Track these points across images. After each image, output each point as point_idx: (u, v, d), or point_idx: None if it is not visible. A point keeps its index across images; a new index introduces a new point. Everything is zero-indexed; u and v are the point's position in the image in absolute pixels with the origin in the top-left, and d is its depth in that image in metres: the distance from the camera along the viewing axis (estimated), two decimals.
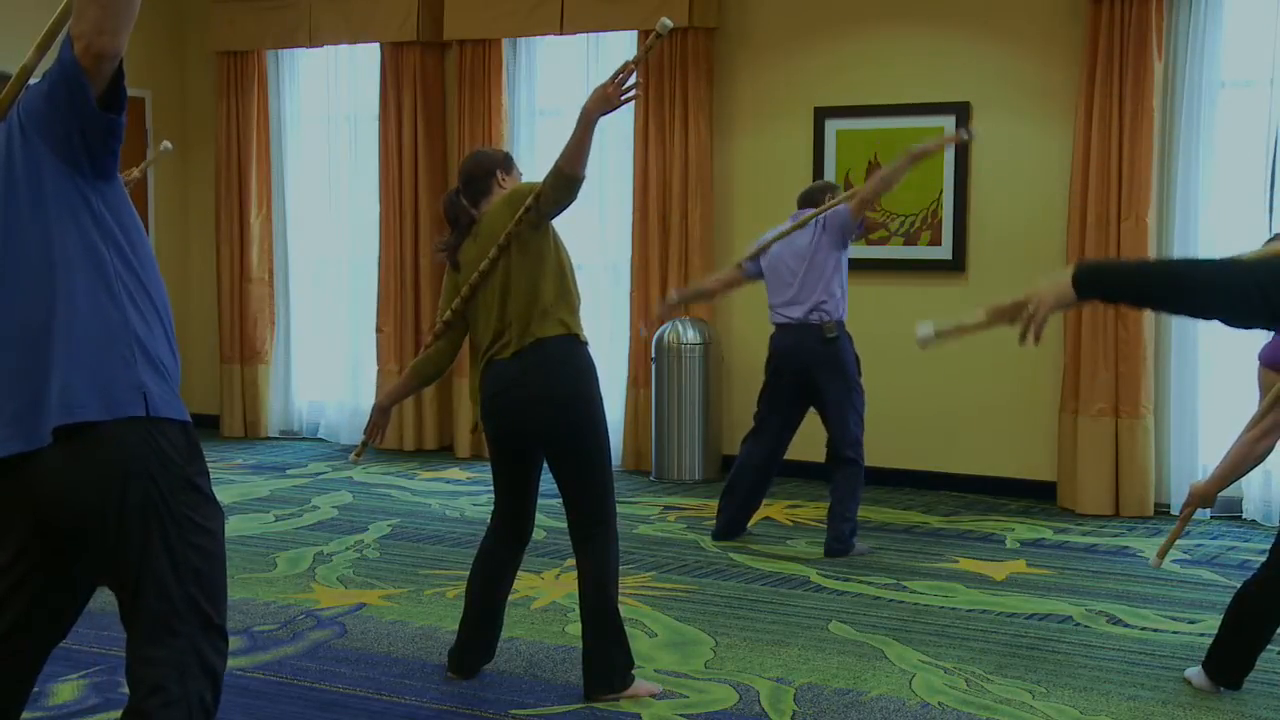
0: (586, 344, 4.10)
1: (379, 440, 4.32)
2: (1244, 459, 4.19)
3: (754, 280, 6.21)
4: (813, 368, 5.95)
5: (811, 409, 6.14)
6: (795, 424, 6.20)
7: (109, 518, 2.44)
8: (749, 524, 6.40)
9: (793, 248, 5.95)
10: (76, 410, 2.41)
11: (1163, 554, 4.49)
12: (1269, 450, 4.21)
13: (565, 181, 3.91)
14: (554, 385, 4.00)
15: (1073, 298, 2.38)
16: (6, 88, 2.51)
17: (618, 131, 8.19)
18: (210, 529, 2.56)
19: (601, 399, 4.09)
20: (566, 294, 4.05)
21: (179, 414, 2.52)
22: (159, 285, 2.57)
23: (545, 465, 4.19)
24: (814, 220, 5.93)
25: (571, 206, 4.02)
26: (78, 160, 2.44)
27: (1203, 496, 4.28)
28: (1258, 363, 4.26)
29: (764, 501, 6.96)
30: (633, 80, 3.88)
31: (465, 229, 4.14)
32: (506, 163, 4.23)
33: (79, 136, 2.42)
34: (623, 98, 3.86)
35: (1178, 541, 6.31)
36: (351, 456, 4.55)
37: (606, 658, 4.11)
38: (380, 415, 4.29)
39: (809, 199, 6.14)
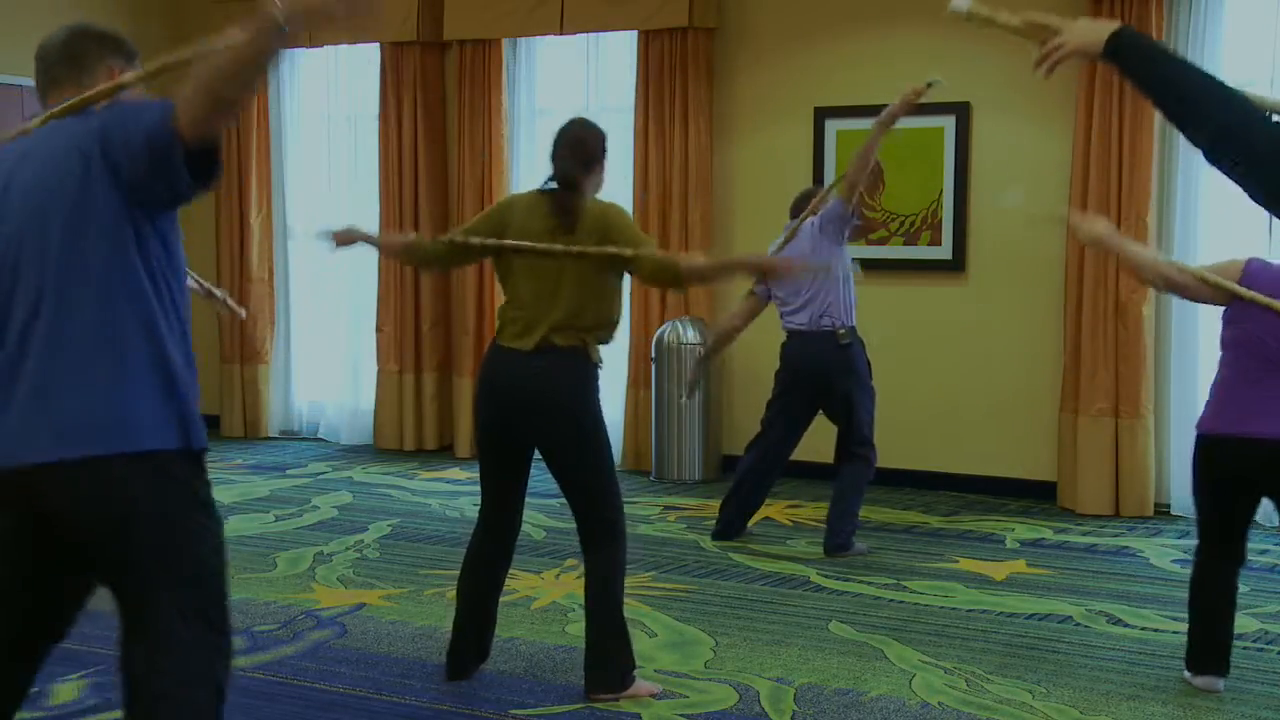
0: (598, 366, 4.12)
1: (333, 247, 4.39)
2: (1144, 263, 4.21)
3: (770, 302, 6.20)
4: (828, 374, 5.95)
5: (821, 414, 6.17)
6: (803, 430, 6.21)
7: (117, 551, 2.47)
8: (748, 525, 6.41)
9: (795, 255, 5.94)
10: (86, 443, 2.42)
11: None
12: (1153, 282, 4.23)
13: (669, 278, 4.05)
14: (556, 390, 4.03)
15: (1098, 52, 2.31)
16: (92, 94, 2.51)
17: (618, 131, 8.19)
18: (215, 543, 2.59)
19: (601, 415, 4.12)
20: (604, 326, 4.10)
21: (191, 442, 2.54)
22: (187, 308, 2.60)
23: (538, 465, 4.20)
24: (809, 222, 5.92)
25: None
26: (151, 201, 2.47)
27: (1092, 233, 4.18)
28: (1241, 260, 4.22)
29: (765, 501, 6.98)
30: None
31: (579, 202, 4.08)
32: (606, 151, 4.24)
33: (164, 190, 2.45)
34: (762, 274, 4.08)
35: (1177, 541, 6.33)
36: (316, 233, 4.53)
37: (608, 657, 4.12)
38: (352, 234, 4.33)
39: (799, 207, 6.16)
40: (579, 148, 4.15)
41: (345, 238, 4.36)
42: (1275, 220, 6.67)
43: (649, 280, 4.12)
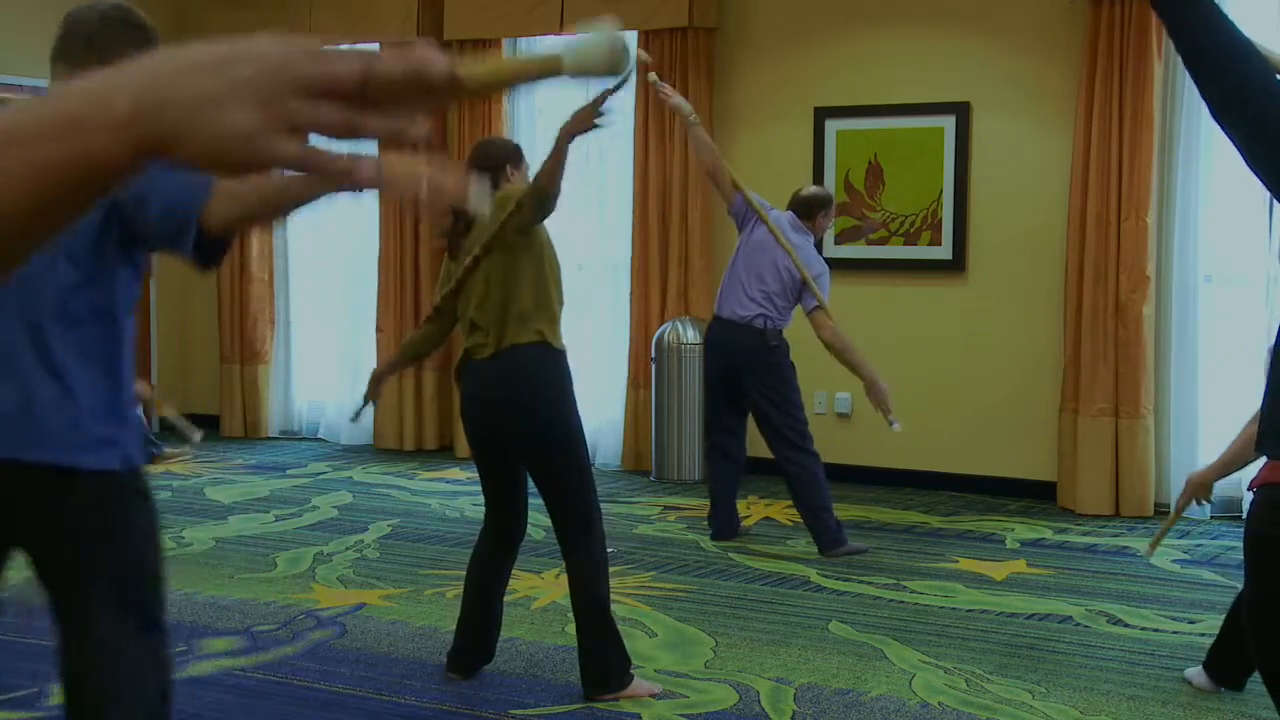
0: (563, 352, 4.10)
1: (374, 404, 4.47)
2: (1245, 450, 4.17)
3: (730, 210, 6.21)
4: (750, 367, 5.95)
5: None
6: (744, 414, 6.19)
7: (52, 547, 2.44)
8: (742, 519, 6.40)
9: (786, 268, 5.94)
10: (64, 453, 2.40)
11: (1155, 544, 4.50)
12: None
13: (542, 197, 3.94)
14: (524, 392, 4.03)
15: None
16: None
17: (618, 131, 8.19)
18: (153, 538, 2.54)
19: (575, 405, 4.11)
20: (546, 302, 4.07)
21: (133, 461, 2.51)
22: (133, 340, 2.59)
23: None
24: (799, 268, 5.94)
25: (573, 206, 4.04)
26: (143, 243, 2.47)
27: (1200, 486, 4.27)
28: (1268, 355, 4.22)
29: (764, 501, 6.98)
30: (608, 107, 3.90)
31: (469, 220, 4.11)
32: (516, 156, 4.22)
33: (161, 247, 2.47)
34: (597, 121, 3.87)
35: (1178, 541, 6.33)
36: (351, 418, 4.86)
37: (602, 659, 4.12)
38: (375, 384, 4.43)
39: (804, 209, 6.11)
40: (479, 171, 4.14)
41: (375, 391, 4.45)
42: (1274, 221, 6.66)
43: (535, 212, 3.95)
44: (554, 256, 4.12)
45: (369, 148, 0.89)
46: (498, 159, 4.18)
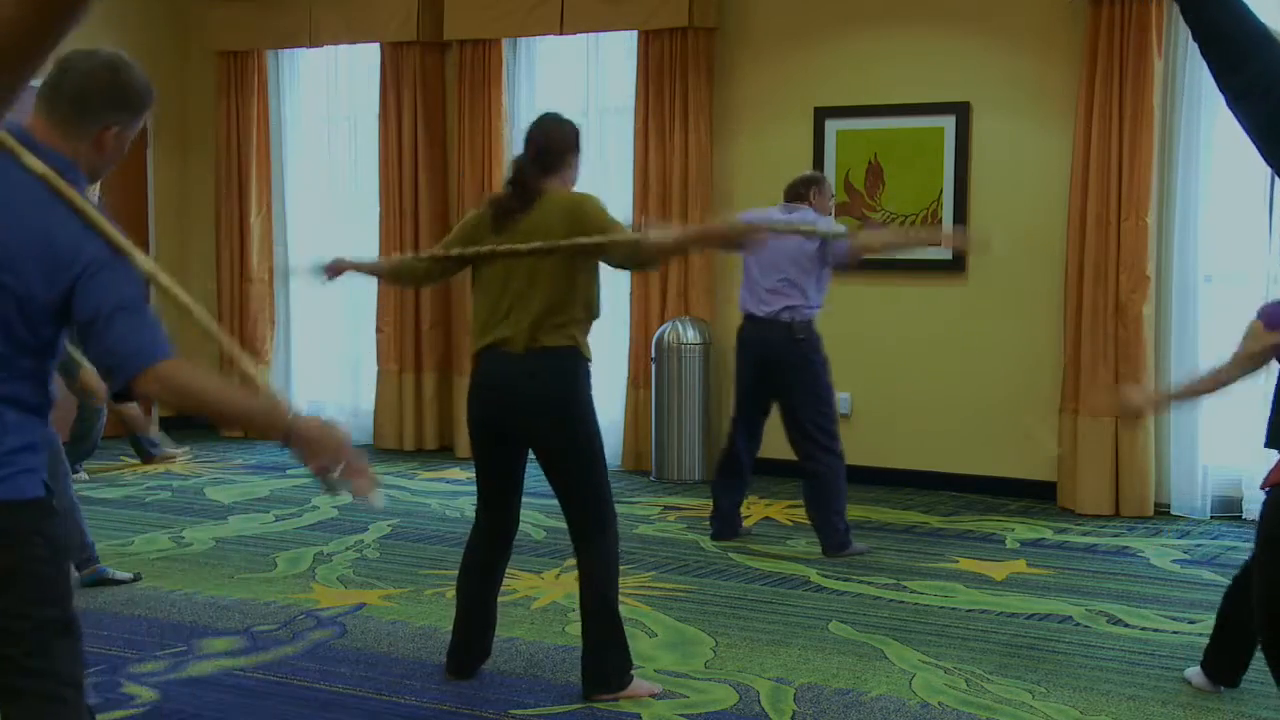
0: (589, 361, 4.10)
1: (325, 279, 4.38)
2: (1210, 381, 4.13)
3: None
4: (780, 363, 5.94)
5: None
6: (766, 415, 6.19)
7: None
8: (743, 519, 6.40)
9: (795, 247, 5.90)
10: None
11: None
12: (1227, 385, 4.15)
13: (641, 260, 4.02)
14: (550, 389, 4.02)
15: None
16: (60, 189, 2.39)
17: (618, 131, 8.20)
18: (63, 552, 2.54)
19: (594, 409, 4.11)
20: (588, 313, 4.09)
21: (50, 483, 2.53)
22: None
23: (534, 465, 4.19)
24: (817, 238, 5.89)
25: None
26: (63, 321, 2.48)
27: (1139, 406, 4.30)
28: (1254, 317, 4.16)
29: (764, 501, 6.98)
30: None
31: (530, 201, 4.07)
32: (577, 143, 4.20)
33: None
34: (737, 244, 3.94)
35: (1177, 541, 6.33)
36: (283, 268, 4.73)
37: (604, 659, 4.12)
38: (334, 265, 4.36)
39: (794, 192, 6.07)
40: (543, 154, 4.12)
41: (335, 269, 4.39)
42: (1275, 221, 6.67)
43: (622, 265, 4.09)
44: (599, 273, 4.14)
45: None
46: (562, 145, 4.14)
